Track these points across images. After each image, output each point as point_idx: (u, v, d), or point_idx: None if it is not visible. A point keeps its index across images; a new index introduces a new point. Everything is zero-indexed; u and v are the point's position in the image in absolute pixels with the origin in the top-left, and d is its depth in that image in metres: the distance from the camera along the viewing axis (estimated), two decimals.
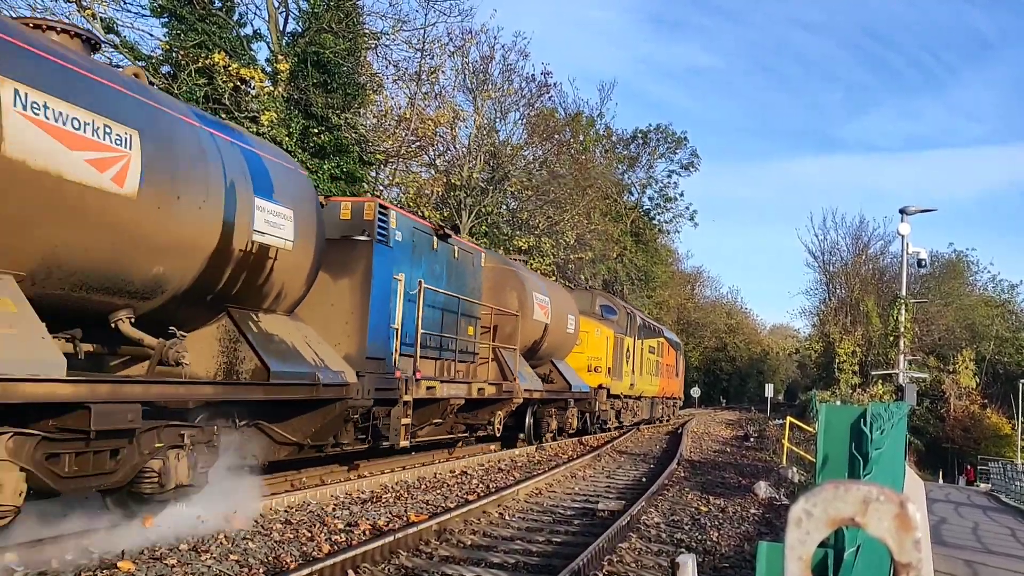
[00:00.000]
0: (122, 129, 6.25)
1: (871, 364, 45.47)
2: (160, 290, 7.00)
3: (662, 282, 54.68)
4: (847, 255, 59.43)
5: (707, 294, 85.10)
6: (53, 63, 5.90)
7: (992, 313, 61.08)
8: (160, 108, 6.91)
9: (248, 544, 6.73)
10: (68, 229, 5.90)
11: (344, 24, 20.30)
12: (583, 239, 34.94)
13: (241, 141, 8.15)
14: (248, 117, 19.12)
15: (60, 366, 5.50)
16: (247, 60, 19.96)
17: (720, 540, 8.78)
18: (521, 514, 9.49)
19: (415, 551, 7.16)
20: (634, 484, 13.09)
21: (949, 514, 17.10)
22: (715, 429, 34.44)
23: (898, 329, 25.12)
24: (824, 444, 5.18)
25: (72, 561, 5.89)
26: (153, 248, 6.66)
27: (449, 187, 28.86)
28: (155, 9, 19.25)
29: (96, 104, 6.10)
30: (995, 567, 10.15)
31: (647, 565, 7.29)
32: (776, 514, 10.95)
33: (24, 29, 6.14)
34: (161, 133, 6.71)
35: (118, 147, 6.18)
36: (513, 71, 30.64)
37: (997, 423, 51.58)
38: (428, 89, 26.30)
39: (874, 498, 0.77)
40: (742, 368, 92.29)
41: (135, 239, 6.45)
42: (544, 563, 7.00)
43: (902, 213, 22.13)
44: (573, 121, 38.04)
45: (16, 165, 5.40)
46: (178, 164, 6.83)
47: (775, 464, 19.00)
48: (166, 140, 6.74)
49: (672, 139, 55.80)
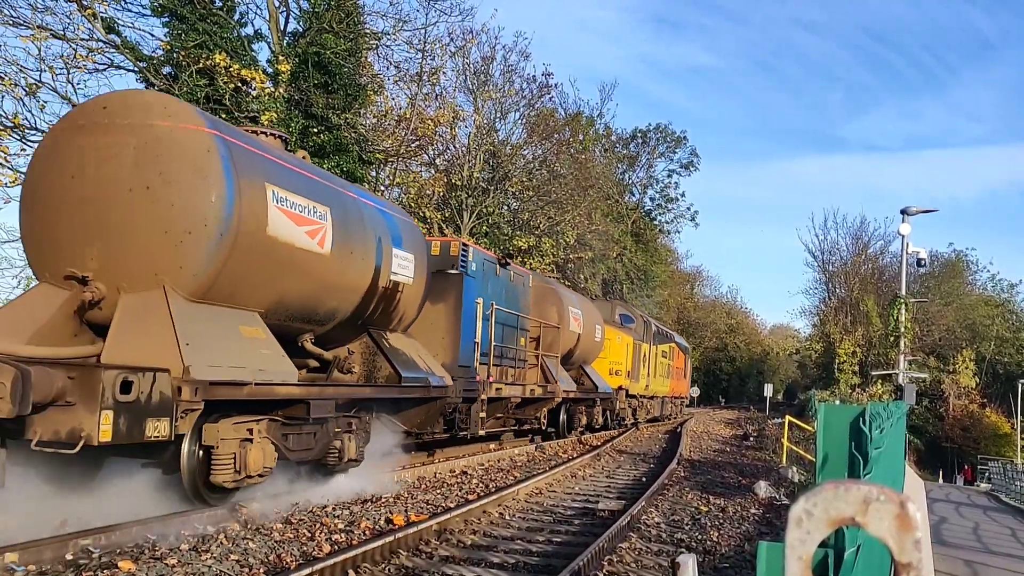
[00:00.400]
0: (322, 208, 8.87)
1: (871, 364, 45.48)
2: (332, 319, 9.63)
3: (661, 281, 54.68)
4: (847, 255, 59.48)
5: (707, 294, 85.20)
6: (287, 168, 8.60)
7: (992, 313, 61.07)
8: (339, 189, 9.75)
9: (248, 544, 6.73)
10: (293, 280, 8.51)
11: (345, 24, 20.30)
12: (583, 239, 34.94)
13: (381, 206, 10.91)
14: (248, 117, 19.12)
15: (295, 375, 8.05)
16: (248, 61, 19.96)
17: (720, 540, 8.78)
18: (521, 514, 9.49)
19: (415, 551, 7.17)
20: (634, 484, 13.09)
21: (949, 514, 17.10)
22: (715, 428, 34.43)
23: (898, 329, 25.11)
24: (824, 443, 5.18)
25: (72, 561, 5.89)
26: (334, 289, 9.29)
27: (450, 187, 28.86)
28: (156, 8, 19.24)
29: (308, 191, 8.72)
30: (995, 567, 10.15)
31: (647, 565, 7.29)
32: (776, 514, 10.96)
33: (272, 145, 8.93)
34: (342, 207, 9.37)
35: (321, 221, 8.83)
36: (514, 72, 30.65)
37: (996, 422, 51.57)
38: (429, 90, 26.32)
39: (874, 498, 0.77)
40: (742, 368, 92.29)
41: (326, 284, 9.11)
42: (544, 563, 7.00)
43: (903, 213, 22.13)
44: (573, 121, 38.03)
45: (273, 240, 8.00)
46: (350, 228, 9.43)
47: (775, 464, 19.01)
48: (344, 212, 9.36)
49: (671, 139, 55.87)
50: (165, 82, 18.68)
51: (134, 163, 7.28)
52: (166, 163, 7.30)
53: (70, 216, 7.40)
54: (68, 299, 7.24)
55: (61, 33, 17.92)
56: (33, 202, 7.64)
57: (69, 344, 7.15)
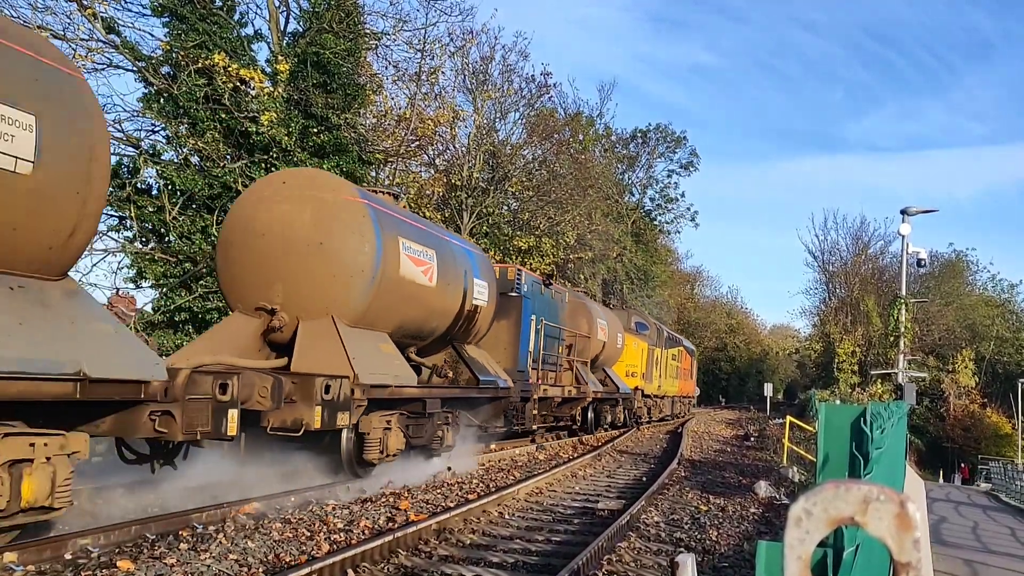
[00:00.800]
0: (430, 251, 11.55)
1: (871, 364, 45.48)
2: (431, 335, 12.31)
3: (661, 282, 54.67)
4: (847, 255, 59.46)
5: (707, 294, 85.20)
6: (408, 223, 11.31)
7: (992, 313, 61.05)
8: (441, 235, 12.56)
9: (247, 543, 6.72)
10: (411, 307, 11.20)
11: (345, 24, 20.29)
12: (583, 239, 34.93)
13: (464, 245, 13.76)
14: (248, 117, 19.12)
15: (415, 379, 10.84)
16: (247, 60, 19.95)
17: (720, 539, 8.77)
18: (521, 513, 9.49)
19: (414, 550, 7.16)
20: (634, 483, 13.09)
21: (949, 513, 17.10)
22: (715, 428, 34.44)
23: (898, 329, 25.12)
24: (824, 443, 5.18)
25: (71, 561, 5.89)
26: (437, 313, 11.96)
27: (450, 187, 28.85)
28: (156, 8, 19.23)
29: (421, 239, 11.37)
30: (995, 567, 10.14)
31: (646, 564, 7.29)
32: (776, 513, 10.96)
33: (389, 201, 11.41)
34: (442, 249, 12.06)
35: (430, 261, 11.51)
36: (513, 71, 30.64)
37: (997, 422, 51.57)
38: (428, 89, 26.30)
39: (874, 497, 0.77)
40: (742, 368, 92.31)
41: (432, 310, 11.79)
42: (544, 562, 7.00)
43: (903, 214, 22.15)
44: (572, 121, 38.01)
45: (401, 279, 10.70)
46: (448, 266, 12.04)
47: (775, 463, 19.00)
48: (444, 252, 12.02)
49: (671, 139, 55.84)
50: (164, 82, 18.67)
51: (311, 225, 9.85)
52: (334, 225, 9.89)
53: (261, 264, 9.92)
54: (258, 325, 9.87)
55: (61, 33, 17.91)
56: (229, 252, 10.17)
57: (259, 358, 9.57)
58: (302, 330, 9.62)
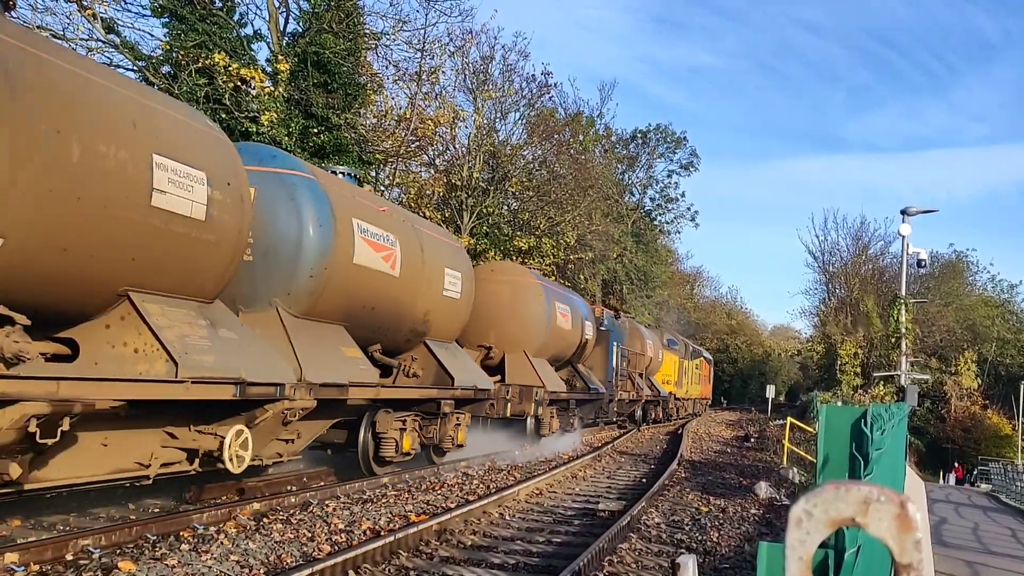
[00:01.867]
0: (567, 307, 18.12)
1: (873, 366, 45.40)
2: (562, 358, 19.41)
3: (662, 282, 54.59)
4: (847, 255, 59.35)
5: (707, 294, 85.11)
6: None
7: (992, 314, 60.94)
8: (574, 297, 19.07)
9: (248, 544, 6.72)
10: (561, 344, 18.26)
11: (345, 24, 20.29)
12: (584, 239, 34.91)
13: (578, 298, 20.44)
14: (248, 117, 19.11)
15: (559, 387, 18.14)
16: (247, 60, 19.95)
17: (720, 540, 8.77)
18: (521, 514, 9.48)
19: (415, 551, 7.16)
20: (635, 484, 13.08)
21: (950, 514, 17.09)
22: (716, 430, 34.42)
23: (899, 330, 25.09)
24: (825, 444, 5.18)
25: (72, 561, 5.89)
26: (571, 345, 19.64)
27: (450, 187, 28.84)
28: (156, 9, 19.24)
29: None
30: (996, 568, 10.13)
31: (647, 566, 7.28)
32: (776, 514, 10.95)
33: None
34: (573, 305, 18.98)
35: (568, 314, 18.24)
36: (513, 71, 30.62)
37: (998, 423, 51.50)
38: (428, 89, 26.29)
39: (875, 498, 0.77)
40: (744, 369, 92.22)
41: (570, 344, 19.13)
42: (544, 563, 6.99)
43: (903, 214, 22.11)
44: (573, 121, 37.98)
45: (559, 329, 17.79)
46: (576, 315, 19.29)
47: (776, 464, 18.99)
48: (574, 308, 19.14)
49: (671, 139, 55.75)
50: (164, 81, 18.67)
51: (509, 295, 16.51)
52: (523, 296, 16.68)
53: (483, 317, 15.50)
54: (481, 355, 16.06)
55: (61, 33, 17.92)
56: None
57: None
58: (507, 359, 16.27)
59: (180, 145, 7.08)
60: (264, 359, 8.04)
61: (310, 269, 9.20)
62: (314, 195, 9.34)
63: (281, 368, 8.22)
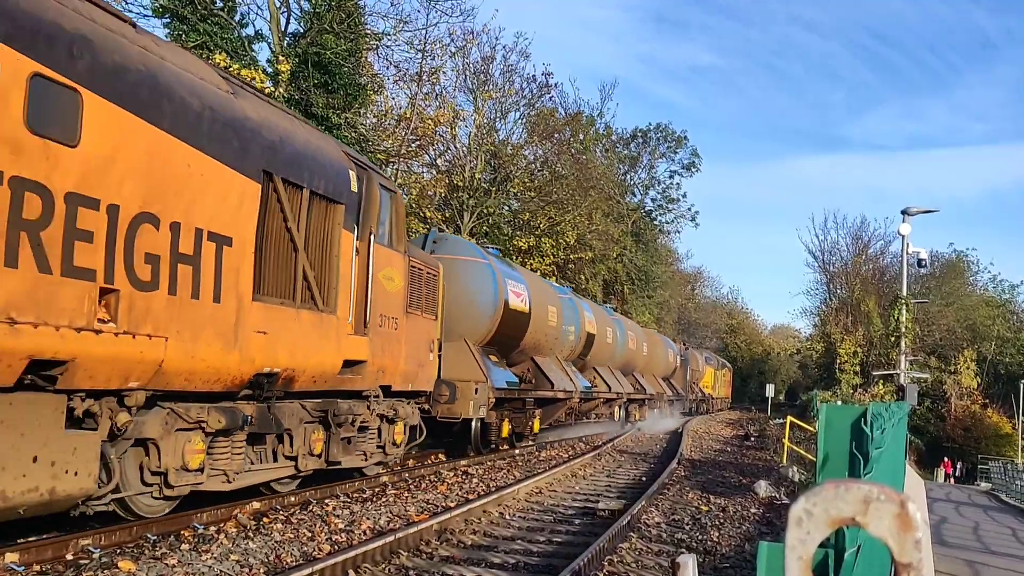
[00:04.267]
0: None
1: (872, 365, 45.39)
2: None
3: (662, 282, 54.58)
4: (847, 255, 59.34)
5: (707, 294, 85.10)
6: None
7: (992, 314, 60.93)
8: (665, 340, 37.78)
9: (248, 544, 6.72)
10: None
11: (346, 24, 20.29)
12: (584, 239, 34.93)
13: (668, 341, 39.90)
14: None
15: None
16: (248, 61, 19.94)
17: (721, 540, 8.77)
18: (521, 513, 9.49)
19: (415, 551, 7.16)
20: (635, 483, 13.08)
21: (950, 514, 17.09)
22: (716, 429, 34.43)
23: (899, 329, 25.10)
24: (825, 443, 5.18)
25: (73, 561, 5.89)
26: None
27: (451, 188, 28.84)
28: (157, 9, 19.22)
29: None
30: (996, 567, 10.14)
31: (648, 565, 7.29)
32: (776, 514, 10.95)
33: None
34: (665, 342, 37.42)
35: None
36: (514, 71, 30.63)
37: (998, 422, 51.51)
38: (429, 89, 26.30)
39: (875, 497, 0.77)
40: (744, 368, 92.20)
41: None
42: (544, 563, 6.99)
43: (904, 214, 22.11)
44: (573, 121, 37.99)
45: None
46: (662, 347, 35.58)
47: (776, 463, 18.99)
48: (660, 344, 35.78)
49: (672, 139, 55.68)
50: None
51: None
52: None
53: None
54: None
55: None
56: None
57: None
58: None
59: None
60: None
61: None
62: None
63: None
